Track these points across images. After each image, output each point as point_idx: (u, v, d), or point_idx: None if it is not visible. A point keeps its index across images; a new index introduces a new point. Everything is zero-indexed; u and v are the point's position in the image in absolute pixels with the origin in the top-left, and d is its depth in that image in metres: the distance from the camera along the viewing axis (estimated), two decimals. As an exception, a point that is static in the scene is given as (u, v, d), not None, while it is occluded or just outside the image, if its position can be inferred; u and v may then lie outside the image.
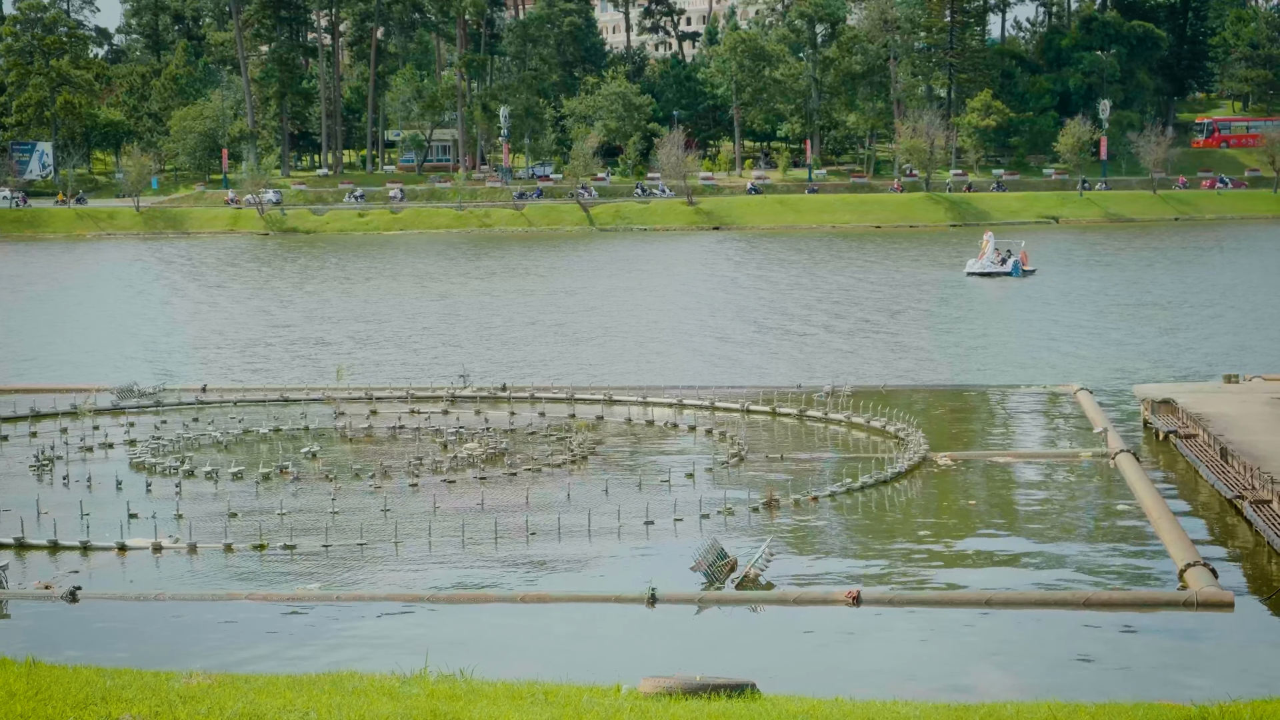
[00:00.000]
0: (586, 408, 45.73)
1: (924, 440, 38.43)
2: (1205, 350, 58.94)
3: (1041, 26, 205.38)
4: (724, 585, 26.45)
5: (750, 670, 19.89)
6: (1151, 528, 30.02)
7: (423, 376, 53.12)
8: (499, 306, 79.85)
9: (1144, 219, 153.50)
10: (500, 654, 22.86)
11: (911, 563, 28.51)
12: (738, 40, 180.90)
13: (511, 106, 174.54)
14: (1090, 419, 41.85)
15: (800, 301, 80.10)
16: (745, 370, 55.35)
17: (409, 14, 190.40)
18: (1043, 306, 75.66)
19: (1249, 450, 33.62)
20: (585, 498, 33.24)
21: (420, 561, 28.62)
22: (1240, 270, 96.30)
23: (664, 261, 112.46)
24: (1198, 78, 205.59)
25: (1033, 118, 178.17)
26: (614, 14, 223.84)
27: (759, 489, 33.76)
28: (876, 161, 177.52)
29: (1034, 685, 21.41)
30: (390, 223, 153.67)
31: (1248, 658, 23.09)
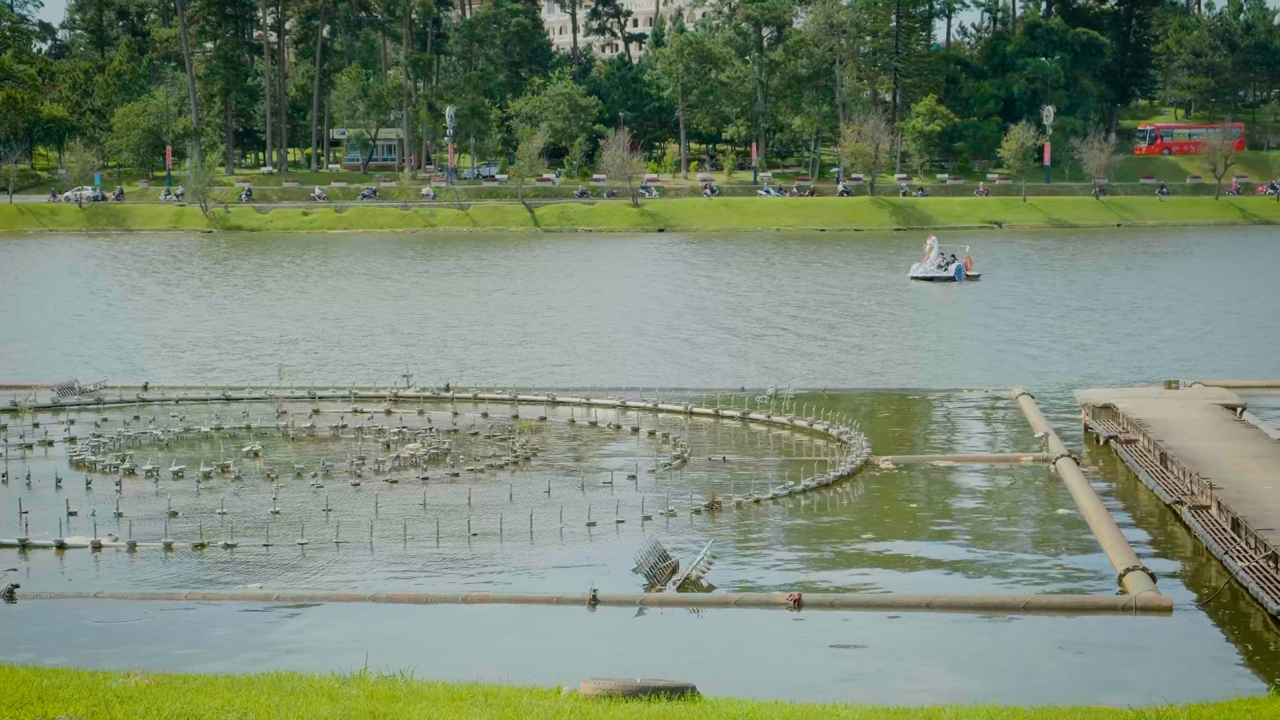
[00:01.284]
0: (530, 409, 45.69)
1: (866, 443, 38.53)
2: (1146, 356, 59.26)
3: (986, 32, 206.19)
4: (666, 587, 26.45)
5: (691, 673, 19.89)
6: (1091, 532, 30.17)
7: (366, 376, 52.96)
8: (443, 307, 79.68)
9: (1086, 224, 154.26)
10: (441, 655, 22.81)
11: (853, 566, 28.58)
12: (684, 42, 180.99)
13: (457, 106, 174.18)
14: (1032, 423, 42.03)
15: (744, 304, 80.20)
16: (689, 372, 55.38)
17: (355, 12, 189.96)
18: (986, 311, 75.94)
19: (1188, 455, 33.83)
20: (528, 499, 33.20)
21: (362, 561, 28.54)
22: (1181, 277, 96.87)
23: (609, 263, 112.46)
24: (1141, 85, 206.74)
25: (977, 123, 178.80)
26: (561, 15, 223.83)
27: (701, 491, 33.79)
28: (822, 165, 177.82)
29: (974, 689, 21.49)
30: (334, 221, 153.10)
31: (1185, 662, 23.23)
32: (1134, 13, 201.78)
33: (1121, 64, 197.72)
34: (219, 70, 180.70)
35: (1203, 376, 49.13)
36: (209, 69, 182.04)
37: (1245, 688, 21.18)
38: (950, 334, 67.25)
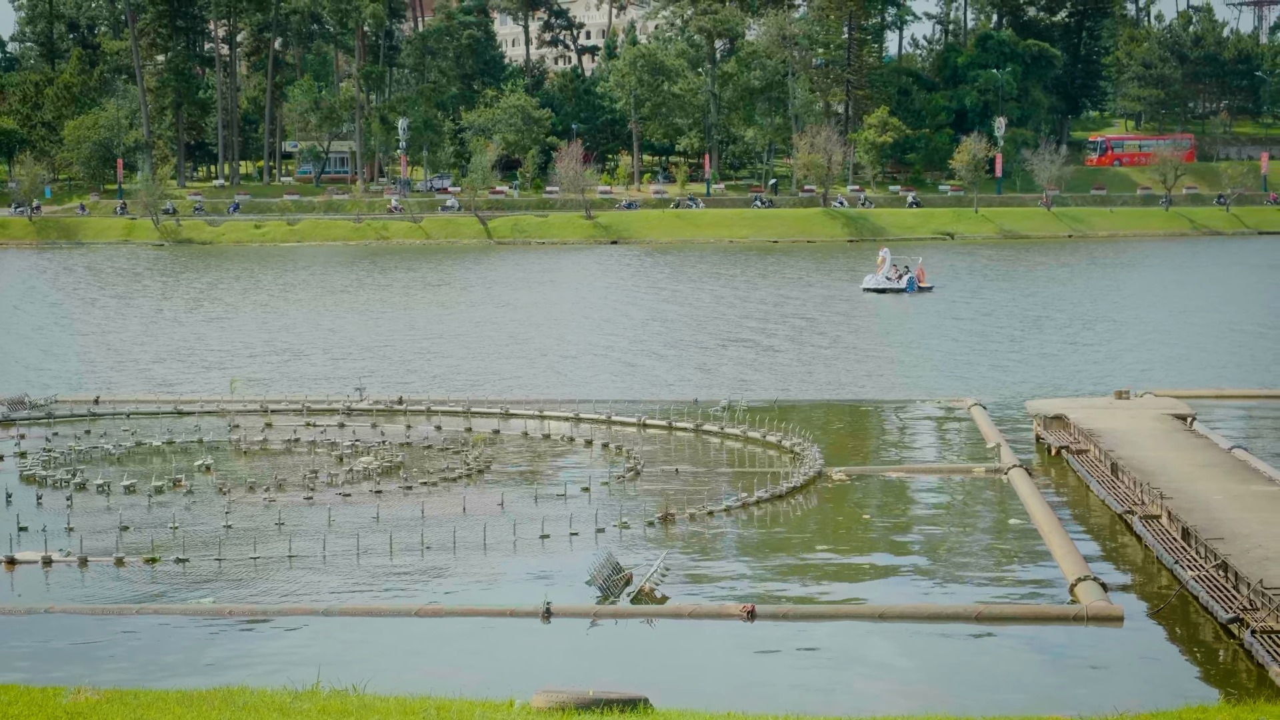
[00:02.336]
0: (483, 421, 45.64)
1: (819, 455, 38.60)
2: (1097, 366, 59.52)
3: (938, 44, 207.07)
4: (619, 599, 26.46)
5: (644, 685, 19.92)
6: (1043, 542, 30.29)
7: (319, 389, 52.82)
8: (395, 319, 79.55)
9: (1038, 235, 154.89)
10: (394, 669, 22.76)
11: (806, 577, 28.62)
12: (637, 54, 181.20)
13: (410, 118, 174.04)
14: (984, 434, 42.17)
15: (698, 316, 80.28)
16: (642, 384, 55.42)
17: (307, 25, 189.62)
18: (938, 322, 76.19)
19: (1139, 465, 34.00)
20: (480, 511, 33.15)
21: (315, 575, 28.46)
22: (1131, 287, 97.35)
23: (562, 275, 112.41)
24: (1091, 96, 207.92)
25: (929, 134, 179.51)
26: (513, 27, 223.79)
27: (655, 503, 33.80)
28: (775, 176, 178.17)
29: (926, 698, 21.57)
30: (287, 234, 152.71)
31: (1136, 671, 23.33)
32: (1084, 25, 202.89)
33: (1072, 76, 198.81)
34: (170, 83, 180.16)
35: (1153, 387, 49.38)
36: (160, 81, 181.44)
37: (1195, 697, 21.29)
38: (903, 345, 67.41)
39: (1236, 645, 23.72)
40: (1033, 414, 43.23)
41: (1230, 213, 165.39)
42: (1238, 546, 26.61)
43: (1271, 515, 29.06)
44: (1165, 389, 48.77)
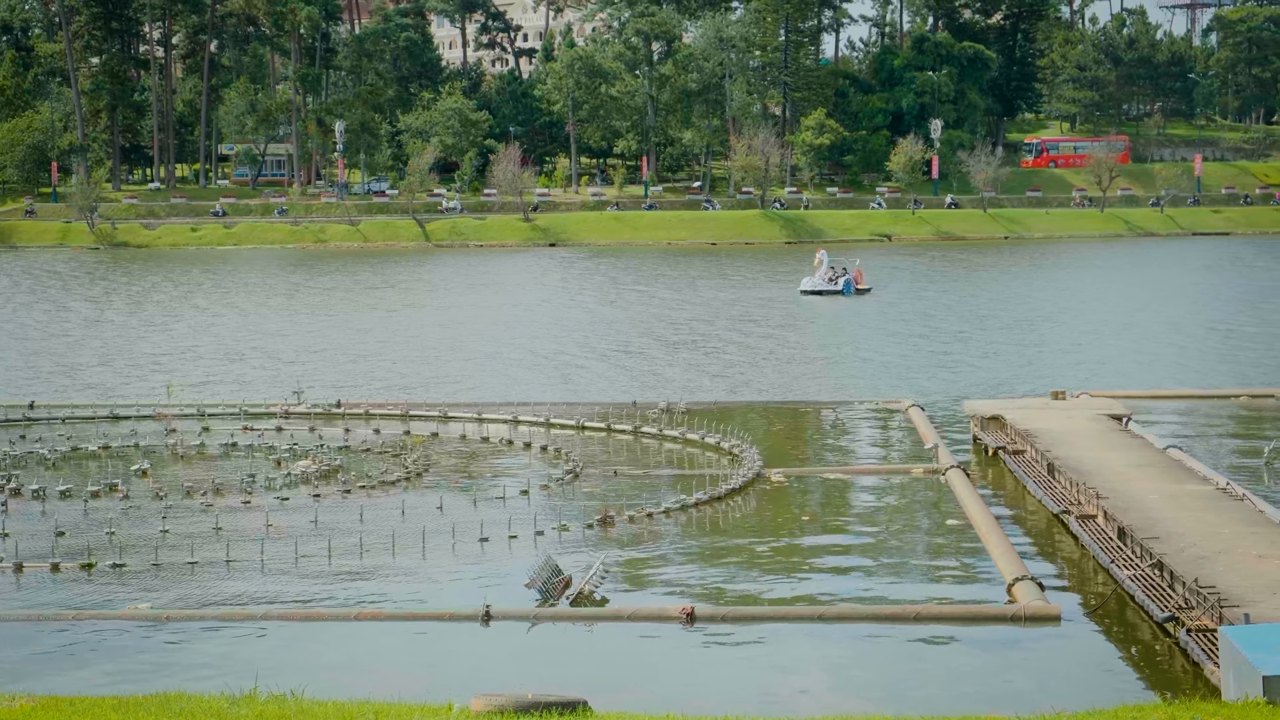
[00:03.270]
0: (422, 424, 45.54)
1: (758, 456, 38.65)
2: (1033, 367, 59.81)
3: (874, 47, 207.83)
4: (558, 602, 26.44)
5: (584, 687, 19.91)
6: (980, 542, 30.41)
7: (256, 393, 52.58)
8: (333, 322, 79.31)
9: (975, 237, 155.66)
10: (333, 673, 22.68)
11: (745, 578, 28.66)
12: (574, 57, 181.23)
13: (347, 121, 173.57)
14: (922, 435, 42.30)
15: (637, 318, 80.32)
16: (581, 387, 55.39)
17: (243, 27, 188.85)
18: (876, 323, 76.43)
19: (1075, 466, 34.18)
20: (419, 514, 33.06)
21: (253, 579, 28.32)
22: (1067, 288, 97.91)
23: (500, 278, 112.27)
24: (1027, 98, 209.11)
25: (866, 136, 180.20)
26: (450, 29, 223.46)
27: (594, 505, 33.79)
28: (712, 178, 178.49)
29: (864, 699, 21.64)
30: (223, 237, 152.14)
31: (1073, 670, 23.46)
32: (1019, 27, 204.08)
33: (1008, 78, 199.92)
34: (105, 85, 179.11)
35: (1089, 387, 49.64)
36: (95, 84, 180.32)
37: (1132, 695, 21.41)
38: (841, 347, 67.60)
39: (1172, 644, 23.88)
40: (970, 415, 43.39)
41: (1164, 214, 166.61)
42: (1173, 546, 26.78)
43: (1206, 515, 29.26)
44: (1101, 389, 49.04)
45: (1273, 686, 18.83)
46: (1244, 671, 19.38)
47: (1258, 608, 22.84)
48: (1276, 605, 23.17)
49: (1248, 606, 22.79)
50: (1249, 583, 24.50)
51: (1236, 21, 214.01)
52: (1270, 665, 19.04)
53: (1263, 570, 25.30)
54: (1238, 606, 22.81)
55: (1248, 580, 24.65)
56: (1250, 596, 23.62)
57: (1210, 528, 28.14)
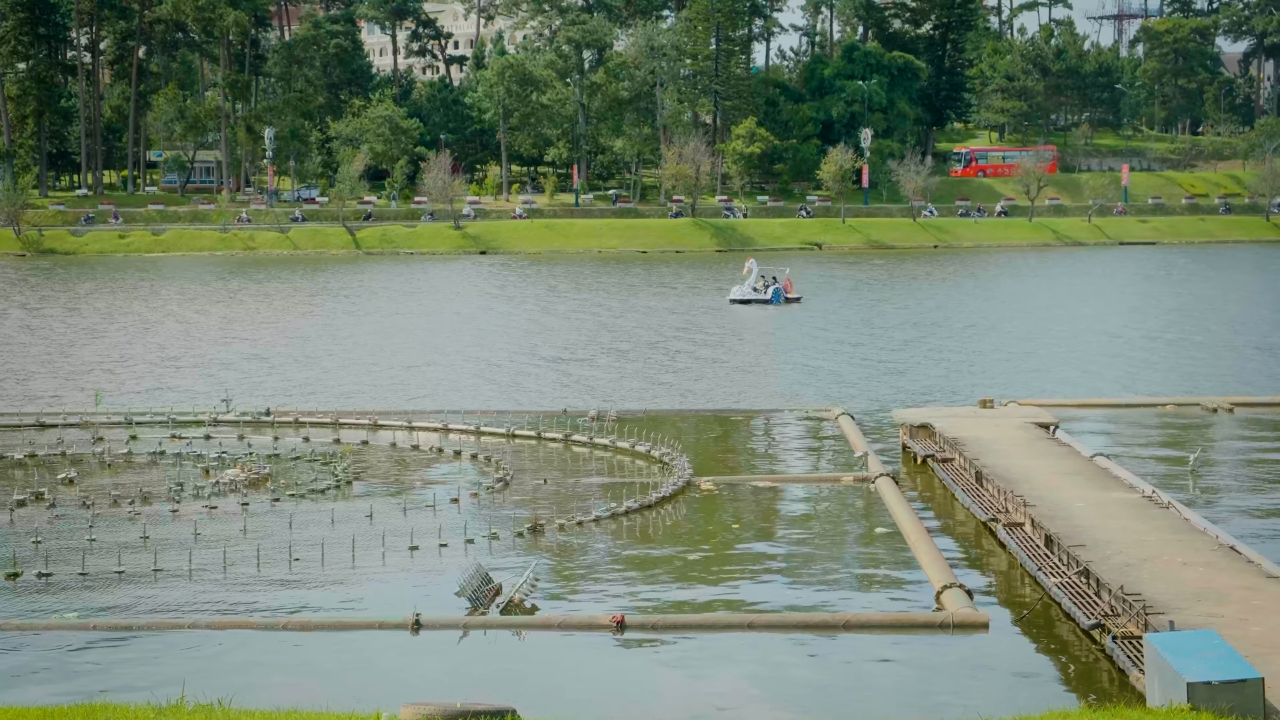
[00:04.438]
0: (351, 432, 45.39)
1: (688, 464, 38.70)
2: (962, 375, 60.10)
3: (805, 56, 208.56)
4: (489, 610, 26.41)
5: (513, 696, 19.90)
6: (909, 550, 30.54)
7: (184, 401, 52.26)
8: (262, 330, 78.94)
9: (904, 246, 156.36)
10: (261, 683, 22.59)
11: (675, 586, 28.70)
12: (505, 65, 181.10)
13: (277, 128, 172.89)
14: (851, 443, 42.43)
15: (567, 326, 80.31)
16: (511, 395, 55.33)
17: (171, 33, 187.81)
18: (806, 332, 76.64)
19: (1003, 474, 34.37)
20: (349, 523, 32.96)
21: (181, 589, 28.17)
22: (996, 297, 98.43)
23: (430, 285, 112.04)
24: (956, 108, 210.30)
25: (796, 145, 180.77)
26: (381, 36, 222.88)
27: (524, 514, 33.77)
28: (643, 186, 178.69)
29: (793, 707, 21.70)
30: (152, 244, 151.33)
31: (1001, 678, 23.59)
32: (948, 37, 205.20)
33: (937, 88, 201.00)
34: (31, 91, 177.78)
35: (1017, 396, 49.95)
36: (21, 90, 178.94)
37: (1059, 702, 21.55)
38: (770, 356, 67.75)
39: (1099, 651, 24.05)
40: (899, 423, 43.55)
41: (1092, 223, 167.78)
42: (1099, 553, 26.98)
43: (1132, 522, 29.50)
44: (1029, 398, 49.36)
45: (1197, 693, 19.00)
46: (1169, 678, 19.55)
47: (1182, 615, 23.03)
48: (1201, 612, 23.38)
49: (1172, 614, 22.98)
50: (1174, 590, 24.71)
51: (1163, 33, 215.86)
52: (1194, 672, 19.21)
53: (1187, 578, 25.52)
54: (1163, 614, 22.99)
55: (1173, 588, 24.86)
56: (1175, 604, 23.83)
57: (1136, 535, 28.37)
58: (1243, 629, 22.50)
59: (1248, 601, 24.07)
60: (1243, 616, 23.22)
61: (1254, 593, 24.60)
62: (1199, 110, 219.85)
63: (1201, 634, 20.69)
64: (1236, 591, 24.64)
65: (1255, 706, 18.96)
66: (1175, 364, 63.61)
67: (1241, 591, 24.65)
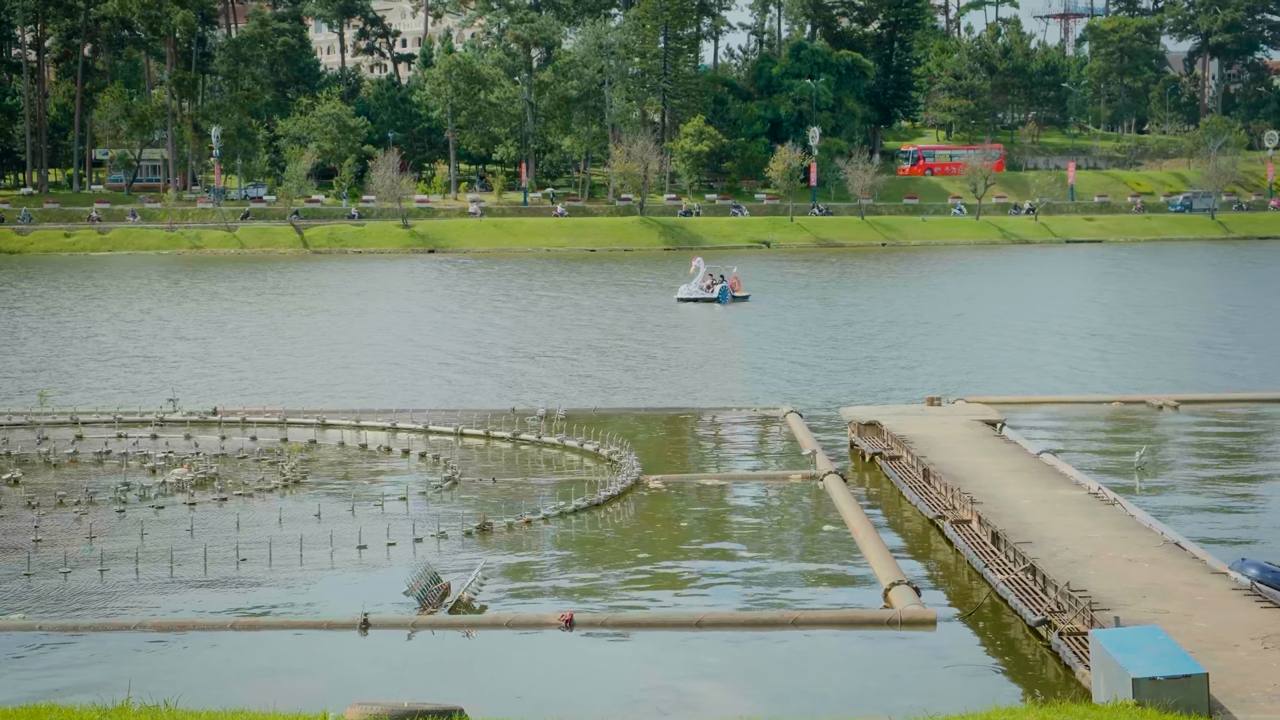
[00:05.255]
0: (299, 431, 45.26)
1: (637, 463, 38.72)
2: (910, 373, 60.27)
3: (753, 54, 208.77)
4: (437, 610, 26.37)
5: (461, 695, 19.88)
6: (858, 548, 30.63)
7: (131, 400, 52.01)
8: (209, 329, 78.60)
9: (852, 244, 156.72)
10: (208, 684, 22.52)
11: (624, 585, 28.72)
12: (453, 63, 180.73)
13: (223, 126, 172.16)
14: (800, 441, 42.52)
15: (516, 324, 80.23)
16: (459, 393, 55.25)
17: (117, 31, 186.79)
18: (754, 331, 76.74)
19: (950, 471, 34.51)
20: (297, 522, 32.87)
21: (128, 589, 28.05)
22: (943, 295, 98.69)
23: (379, 284, 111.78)
24: (903, 107, 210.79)
25: (745, 143, 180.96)
26: (328, 34, 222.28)
27: (473, 512, 33.73)
28: (592, 185, 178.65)
29: (742, 704, 21.73)
30: (98, 243, 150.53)
31: (948, 674, 23.68)
32: (896, 36, 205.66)
33: (884, 86, 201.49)
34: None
35: (964, 393, 50.14)
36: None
37: (1005, 699, 21.65)
38: (719, 354, 67.82)
39: (1045, 647, 24.17)
40: (847, 421, 43.66)
41: (1038, 222, 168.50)
42: (1046, 550, 27.12)
43: (1078, 519, 29.66)
44: (976, 395, 49.54)
45: (1142, 689, 19.11)
46: (1114, 674, 19.66)
47: (1128, 611, 23.17)
48: (1146, 608, 23.53)
49: (1118, 610, 23.12)
50: (1119, 586, 24.86)
51: (1109, 32, 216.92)
52: (1139, 668, 19.33)
53: (1132, 574, 25.68)
54: (1108, 610, 23.13)
55: (1118, 584, 25.01)
56: (1120, 600, 23.97)
57: (1082, 532, 28.52)
58: (1187, 625, 22.66)
59: (1192, 598, 24.23)
60: (1187, 612, 23.38)
61: (1198, 589, 24.77)
62: (1144, 109, 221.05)
63: (1146, 630, 20.82)
64: (1181, 588, 24.81)
65: (1199, 702, 19.08)
66: (1122, 361, 63.94)
67: (1186, 588, 24.81)
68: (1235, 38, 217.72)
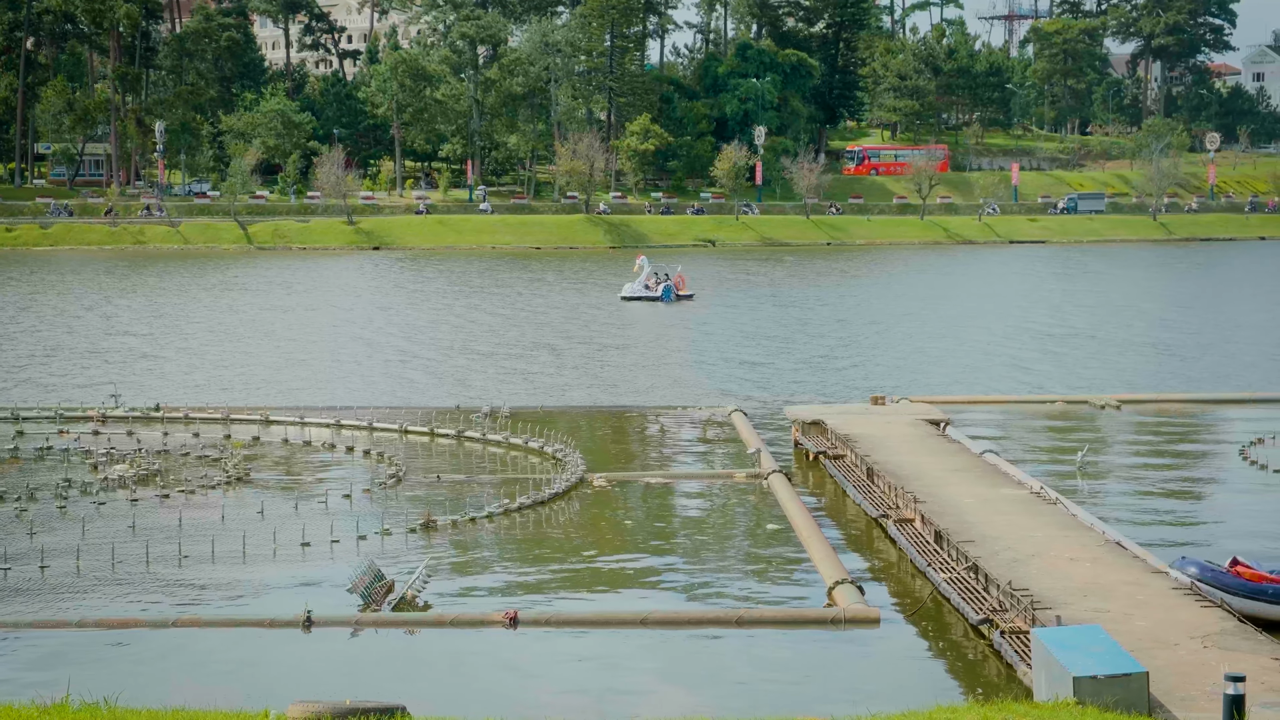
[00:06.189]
0: (243, 428, 45.08)
1: (582, 461, 38.73)
2: (854, 372, 60.42)
3: (699, 53, 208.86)
4: (381, 607, 26.32)
5: (404, 693, 19.84)
6: (802, 546, 30.70)
7: (73, 396, 51.72)
8: (151, 325, 78.17)
9: (798, 243, 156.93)
10: (149, 681, 22.42)
11: (568, 583, 28.72)
12: (399, 60, 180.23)
13: (167, 121, 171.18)
14: (744, 440, 42.58)
15: (460, 322, 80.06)
16: (404, 390, 55.12)
17: (60, 24, 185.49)
18: (699, 329, 76.78)
19: (893, 470, 34.63)
20: (240, 519, 32.75)
21: (68, 587, 27.89)
22: (888, 295, 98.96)
23: (323, 281, 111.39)
24: (849, 106, 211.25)
25: (690, 142, 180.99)
26: (273, 30, 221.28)
27: (417, 510, 33.68)
28: (537, 183, 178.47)
29: (686, 702, 21.76)
30: (39, 238, 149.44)
31: (891, 672, 23.77)
32: (842, 36, 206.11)
33: (830, 86, 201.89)
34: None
35: (908, 393, 50.30)
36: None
37: (947, 697, 21.75)
38: (663, 353, 67.83)
39: (987, 646, 24.28)
40: (792, 420, 43.75)
41: (983, 222, 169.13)
42: (988, 549, 27.25)
43: (1020, 518, 29.80)
44: (920, 395, 49.71)
45: (1082, 687, 19.23)
46: (1055, 672, 19.77)
47: (1069, 610, 23.31)
48: (1087, 607, 23.66)
49: (1059, 608, 23.25)
50: (1061, 585, 25.00)
51: (1052, 34, 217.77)
52: (1080, 666, 19.44)
53: (1074, 573, 25.82)
54: (1050, 608, 23.26)
55: (1060, 583, 25.15)
56: (1062, 599, 24.11)
57: (1024, 531, 28.67)
58: (1128, 623, 22.80)
59: (1133, 596, 24.38)
60: (1128, 611, 23.53)
61: (1139, 588, 24.93)
62: (1088, 110, 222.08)
63: (1087, 629, 20.95)
64: (1122, 587, 24.96)
65: (1140, 700, 19.21)
66: (1064, 361, 64.23)
67: (1127, 586, 24.97)
68: (1177, 40, 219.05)
